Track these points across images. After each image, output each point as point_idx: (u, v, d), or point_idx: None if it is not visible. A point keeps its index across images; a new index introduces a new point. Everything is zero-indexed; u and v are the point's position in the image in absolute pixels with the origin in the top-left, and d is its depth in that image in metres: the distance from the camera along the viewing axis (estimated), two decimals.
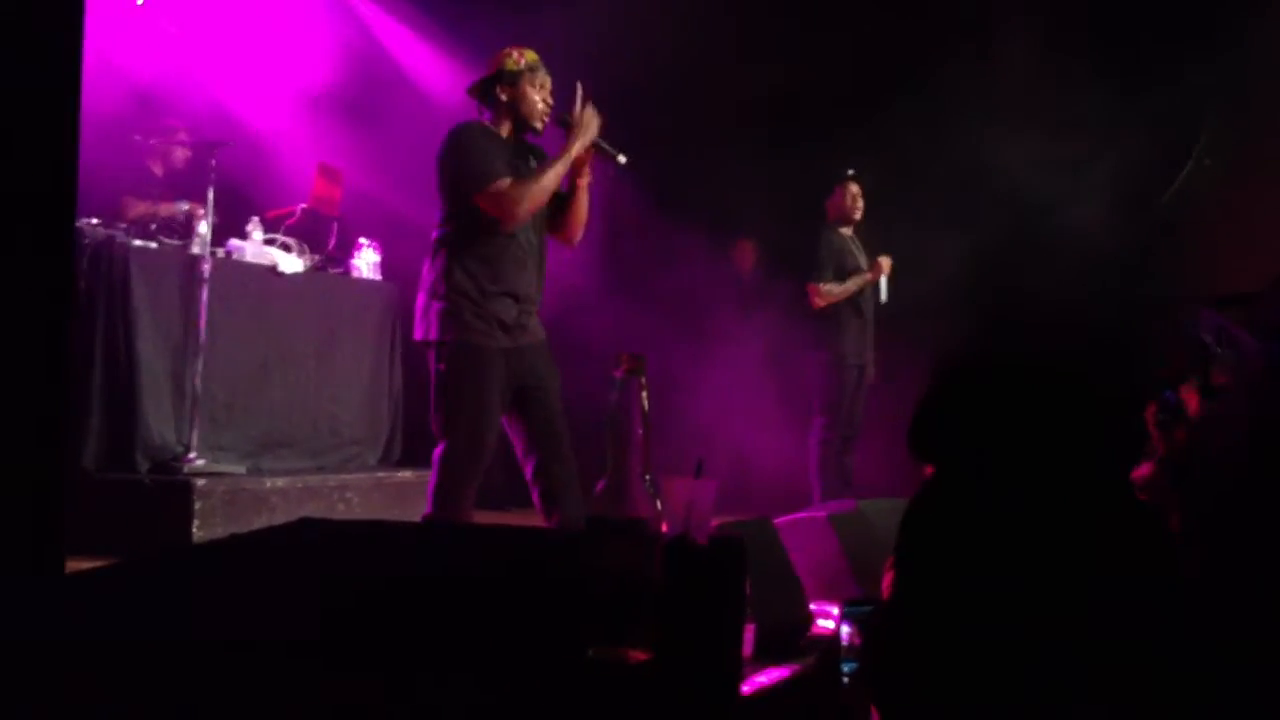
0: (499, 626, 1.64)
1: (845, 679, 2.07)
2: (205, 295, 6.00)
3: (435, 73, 8.84)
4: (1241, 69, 7.66)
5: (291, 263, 6.68)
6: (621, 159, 4.36)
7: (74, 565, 3.17)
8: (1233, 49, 7.54)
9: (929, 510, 1.27)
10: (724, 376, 8.23)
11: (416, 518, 6.80)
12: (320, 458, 6.80)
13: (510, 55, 4.39)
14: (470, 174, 4.23)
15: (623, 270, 8.66)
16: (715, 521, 1.87)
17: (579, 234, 4.53)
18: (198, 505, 5.51)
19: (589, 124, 4.29)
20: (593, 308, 8.02)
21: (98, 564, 2.07)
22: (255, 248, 6.57)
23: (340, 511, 6.28)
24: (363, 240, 7.31)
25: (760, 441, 7.87)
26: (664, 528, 1.79)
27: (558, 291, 8.23)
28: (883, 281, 7.19)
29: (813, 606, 2.86)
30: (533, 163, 4.39)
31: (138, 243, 6.00)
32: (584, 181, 4.41)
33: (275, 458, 6.47)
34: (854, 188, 7.30)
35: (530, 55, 4.40)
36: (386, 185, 8.03)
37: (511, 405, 4.28)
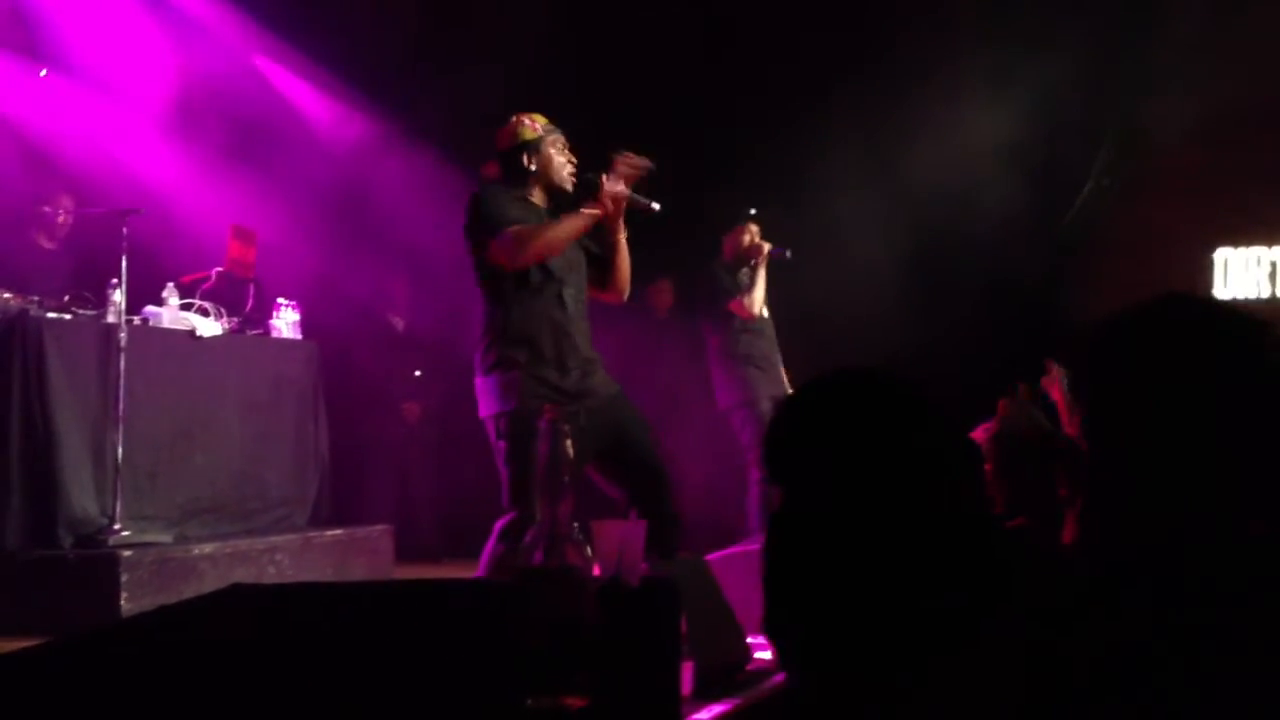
0: (437, 681, 1.65)
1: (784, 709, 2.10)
2: (123, 364, 5.91)
3: (341, 127, 8.83)
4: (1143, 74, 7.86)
5: (210, 326, 6.62)
6: (655, 206, 4.34)
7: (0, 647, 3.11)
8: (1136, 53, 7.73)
9: (786, 531, 1.29)
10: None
11: (350, 576, 6.76)
12: (248, 521, 6.70)
13: (524, 124, 4.36)
14: (484, 224, 4.20)
15: None
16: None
17: (626, 288, 4.48)
18: (125, 577, 5.41)
19: (614, 193, 4.24)
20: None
21: (24, 644, 2.03)
22: (172, 313, 6.50)
23: (271, 575, 6.20)
24: (281, 300, 7.26)
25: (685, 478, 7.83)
26: (596, 572, 1.80)
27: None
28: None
29: (750, 640, 2.88)
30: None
31: (51, 315, 5.91)
32: (621, 237, 4.37)
33: (202, 524, 6.37)
34: (754, 228, 7.08)
35: (541, 119, 4.39)
36: (302, 244, 7.99)
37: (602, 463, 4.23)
